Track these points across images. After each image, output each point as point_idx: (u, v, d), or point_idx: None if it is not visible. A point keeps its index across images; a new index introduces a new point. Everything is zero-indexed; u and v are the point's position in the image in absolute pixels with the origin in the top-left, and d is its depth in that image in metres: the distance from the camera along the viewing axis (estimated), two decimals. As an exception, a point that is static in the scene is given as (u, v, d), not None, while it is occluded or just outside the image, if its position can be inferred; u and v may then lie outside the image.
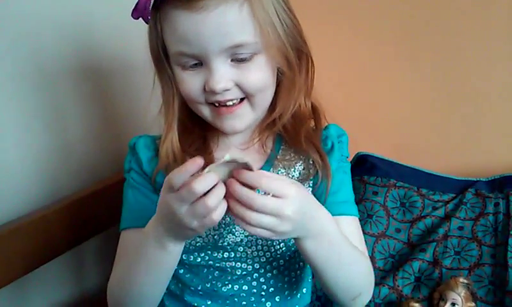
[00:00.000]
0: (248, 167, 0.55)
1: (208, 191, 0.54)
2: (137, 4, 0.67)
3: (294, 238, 0.63)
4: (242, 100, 0.69)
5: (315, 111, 0.77)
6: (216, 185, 0.54)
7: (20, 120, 0.83)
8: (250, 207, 0.55)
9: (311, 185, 0.74)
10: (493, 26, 1.10)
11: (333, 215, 0.68)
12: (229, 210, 0.56)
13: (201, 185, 0.53)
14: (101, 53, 0.98)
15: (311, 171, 0.73)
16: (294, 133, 0.74)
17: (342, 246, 0.67)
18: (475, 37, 1.11)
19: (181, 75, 0.68)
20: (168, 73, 0.71)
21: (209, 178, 0.54)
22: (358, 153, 1.14)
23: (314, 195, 0.72)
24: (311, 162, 0.73)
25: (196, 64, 0.67)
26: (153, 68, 0.73)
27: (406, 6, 1.16)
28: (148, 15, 0.66)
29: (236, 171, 0.55)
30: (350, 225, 0.73)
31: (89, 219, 0.92)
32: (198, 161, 0.54)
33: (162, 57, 0.70)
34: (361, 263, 0.71)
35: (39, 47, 0.85)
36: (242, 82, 0.66)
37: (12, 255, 0.78)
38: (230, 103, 0.68)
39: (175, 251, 0.63)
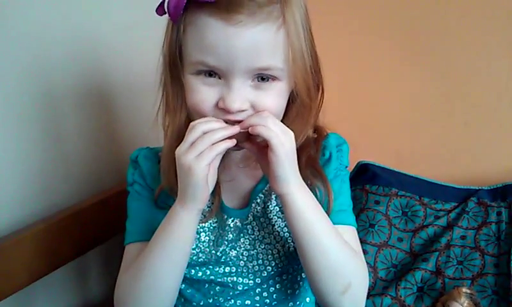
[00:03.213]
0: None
1: None
2: (164, 1, 0.64)
3: (287, 186, 0.63)
4: None
5: (318, 132, 0.76)
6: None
7: (22, 131, 0.84)
8: (262, 122, 0.61)
9: None
10: (493, 32, 1.10)
11: None
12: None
13: (205, 125, 0.61)
14: (102, 64, 0.99)
15: (309, 185, 0.70)
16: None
17: (327, 218, 0.67)
18: (475, 43, 1.12)
19: (195, 86, 0.65)
20: (180, 80, 0.67)
21: (215, 122, 0.62)
22: (359, 162, 1.14)
23: None
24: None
25: (213, 77, 0.64)
26: (159, 74, 0.71)
27: (407, 12, 1.16)
28: (178, 14, 0.63)
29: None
30: (346, 233, 0.71)
31: (91, 229, 0.92)
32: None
33: (178, 61, 0.66)
34: (348, 249, 0.68)
35: (41, 59, 0.86)
36: (258, 105, 0.64)
37: (15, 266, 0.78)
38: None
39: (186, 219, 0.64)
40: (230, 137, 0.62)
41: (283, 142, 0.61)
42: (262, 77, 0.64)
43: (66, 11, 0.90)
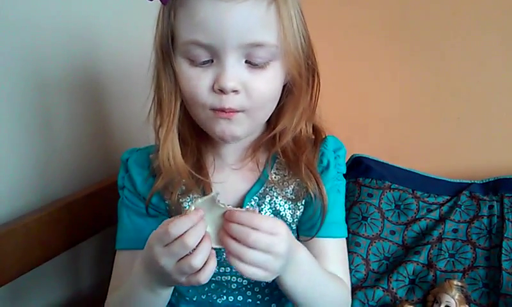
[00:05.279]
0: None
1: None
2: None
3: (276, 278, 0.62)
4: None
5: (315, 131, 0.75)
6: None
7: (14, 122, 0.83)
8: (244, 242, 0.55)
9: (303, 203, 0.72)
10: (486, 28, 1.10)
11: (321, 236, 0.69)
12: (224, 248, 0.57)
13: (193, 238, 0.54)
14: (95, 57, 0.98)
15: (304, 190, 0.71)
16: (295, 159, 0.71)
17: (319, 279, 0.67)
18: (468, 38, 1.12)
19: (187, 71, 0.63)
20: (172, 67, 0.65)
21: (199, 229, 0.55)
22: (353, 155, 1.15)
23: (304, 214, 0.72)
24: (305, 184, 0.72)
25: (205, 60, 0.62)
26: (151, 65, 0.69)
27: (398, 8, 1.16)
28: None
29: (229, 212, 0.57)
30: (336, 247, 0.72)
31: (83, 220, 0.91)
32: (200, 213, 0.55)
33: (170, 47, 0.64)
34: (338, 293, 0.70)
35: (33, 50, 0.85)
36: (251, 87, 0.62)
37: (6, 257, 0.78)
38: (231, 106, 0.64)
39: (164, 293, 0.63)
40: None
41: (270, 269, 0.57)
42: (257, 55, 0.62)
43: (58, 2, 0.89)
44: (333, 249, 0.72)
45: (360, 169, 1.12)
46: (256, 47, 0.62)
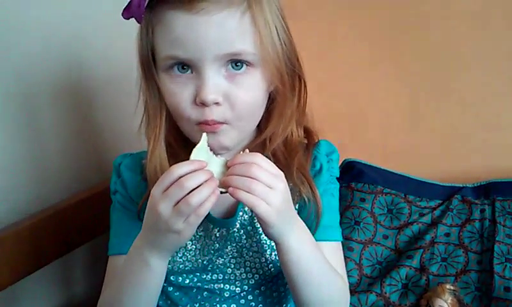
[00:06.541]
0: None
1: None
2: (129, 3, 0.63)
3: (281, 237, 0.62)
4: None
5: (308, 135, 0.75)
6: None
7: (5, 128, 0.83)
8: (247, 174, 0.57)
9: (297, 207, 0.72)
10: (482, 32, 1.11)
11: (316, 239, 0.68)
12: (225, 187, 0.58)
13: (190, 180, 0.55)
14: (86, 62, 0.98)
15: (297, 194, 0.71)
16: (286, 163, 0.71)
17: (321, 257, 0.67)
18: (461, 43, 1.13)
19: (169, 86, 0.65)
20: (155, 82, 0.67)
21: (200, 174, 0.56)
22: (345, 160, 1.15)
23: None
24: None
25: (186, 72, 0.64)
26: (138, 78, 0.70)
27: (393, 12, 1.17)
28: (141, 14, 0.62)
29: (233, 157, 0.59)
30: (331, 251, 0.72)
31: (76, 227, 0.91)
32: (203, 163, 0.57)
33: (151, 63, 0.66)
34: (337, 279, 0.70)
35: (22, 56, 0.85)
36: (233, 96, 0.63)
37: (-1, 264, 0.78)
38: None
39: (158, 267, 0.63)
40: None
41: (272, 203, 0.58)
42: (236, 63, 0.63)
43: (45, 5, 0.88)
44: (329, 253, 0.72)
45: (352, 173, 1.13)
46: (235, 56, 0.63)
